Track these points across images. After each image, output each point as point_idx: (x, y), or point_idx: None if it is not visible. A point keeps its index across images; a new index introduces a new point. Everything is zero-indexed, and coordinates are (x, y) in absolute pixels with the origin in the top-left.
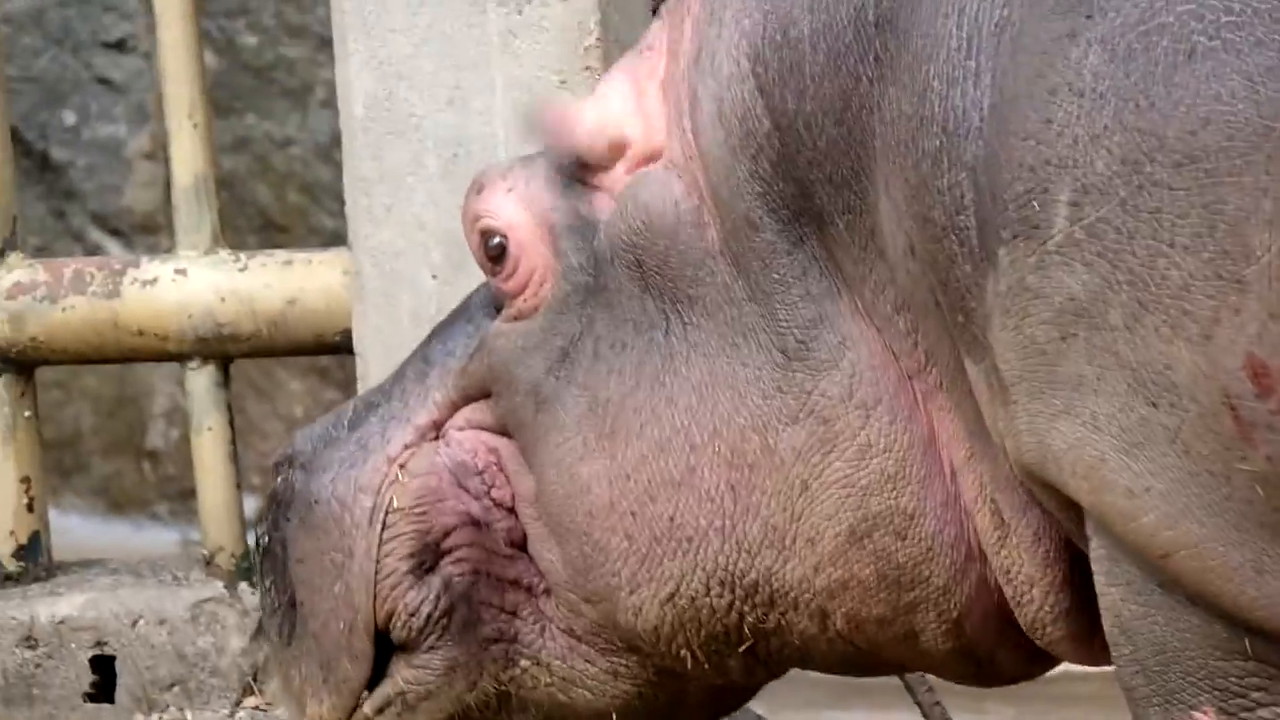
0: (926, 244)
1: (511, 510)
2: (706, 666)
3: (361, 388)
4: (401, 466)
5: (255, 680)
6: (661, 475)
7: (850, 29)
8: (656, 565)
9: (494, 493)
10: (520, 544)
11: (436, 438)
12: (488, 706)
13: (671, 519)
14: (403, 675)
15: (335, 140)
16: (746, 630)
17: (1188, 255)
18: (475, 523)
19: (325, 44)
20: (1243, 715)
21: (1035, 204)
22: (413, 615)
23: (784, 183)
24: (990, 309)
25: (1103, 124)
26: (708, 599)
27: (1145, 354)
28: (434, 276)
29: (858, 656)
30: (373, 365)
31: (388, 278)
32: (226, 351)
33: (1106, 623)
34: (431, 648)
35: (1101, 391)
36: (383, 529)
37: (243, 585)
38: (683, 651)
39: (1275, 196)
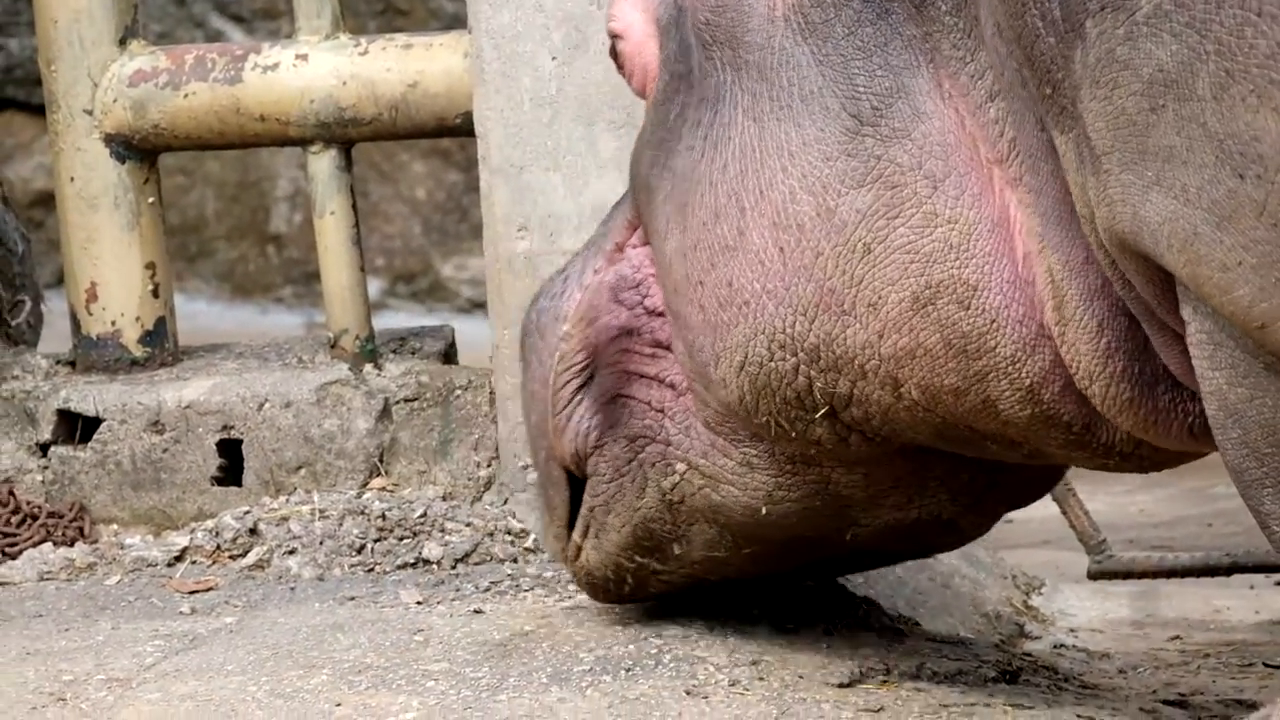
0: (1011, 20)
1: (662, 314)
2: (794, 436)
3: (483, 170)
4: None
5: (381, 461)
6: (718, 241)
7: None
8: (726, 333)
9: (647, 301)
10: (667, 344)
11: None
12: (665, 521)
13: (730, 284)
14: (588, 493)
15: None
16: (818, 395)
17: (1275, 24)
18: (628, 331)
19: None
20: None
21: None
22: (579, 423)
23: None
24: (1079, 80)
25: None
26: (773, 364)
27: (1232, 124)
28: (553, 58)
29: (946, 428)
30: (493, 147)
31: (507, 60)
32: (349, 135)
33: (1211, 407)
34: (598, 448)
35: (1191, 163)
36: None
37: (367, 367)
38: (769, 421)
39: None
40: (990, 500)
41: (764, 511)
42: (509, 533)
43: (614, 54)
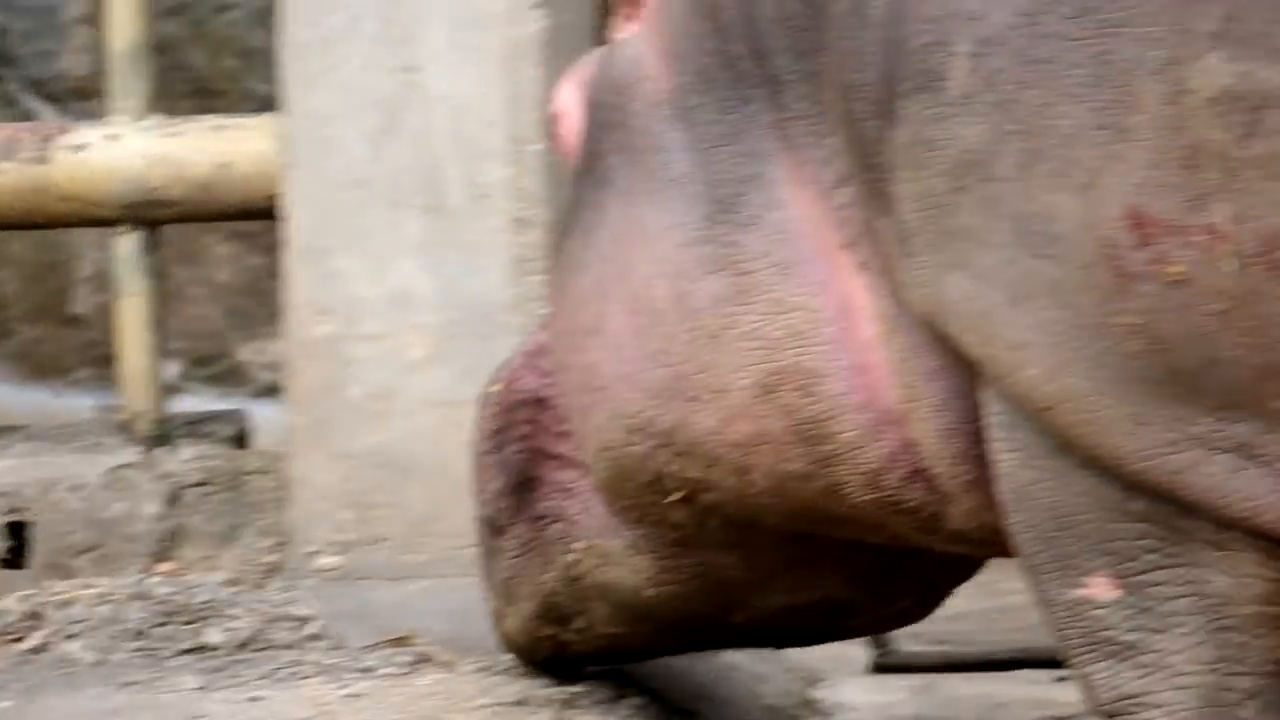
0: (846, 105)
1: None
2: (654, 520)
3: (287, 252)
4: None
5: (169, 546)
6: (582, 325)
7: None
8: (588, 417)
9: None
10: None
11: None
12: (567, 596)
13: (590, 368)
14: (503, 563)
15: (270, 6)
16: (672, 480)
17: (1077, 104)
18: (539, 400)
19: None
20: (1136, 579)
21: (936, 56)
22: (491, 498)
23: (737, 44)
24: (894, 162)
25: None
26: (628, 448)
27: (1032, 204)
28: (365, 141)
29: (800, 513)
30: (299, 230)
31: (318, 142)
32: (156, 216)
33: (1003, 490)
34: (509, 526)
35: (990, 243)
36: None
37: (159, 451)
38: (631, 504)
39: (1164, 46)
40: (898, 587)
41: (648, 594)
42: (292, 619)
43: (553, 137)
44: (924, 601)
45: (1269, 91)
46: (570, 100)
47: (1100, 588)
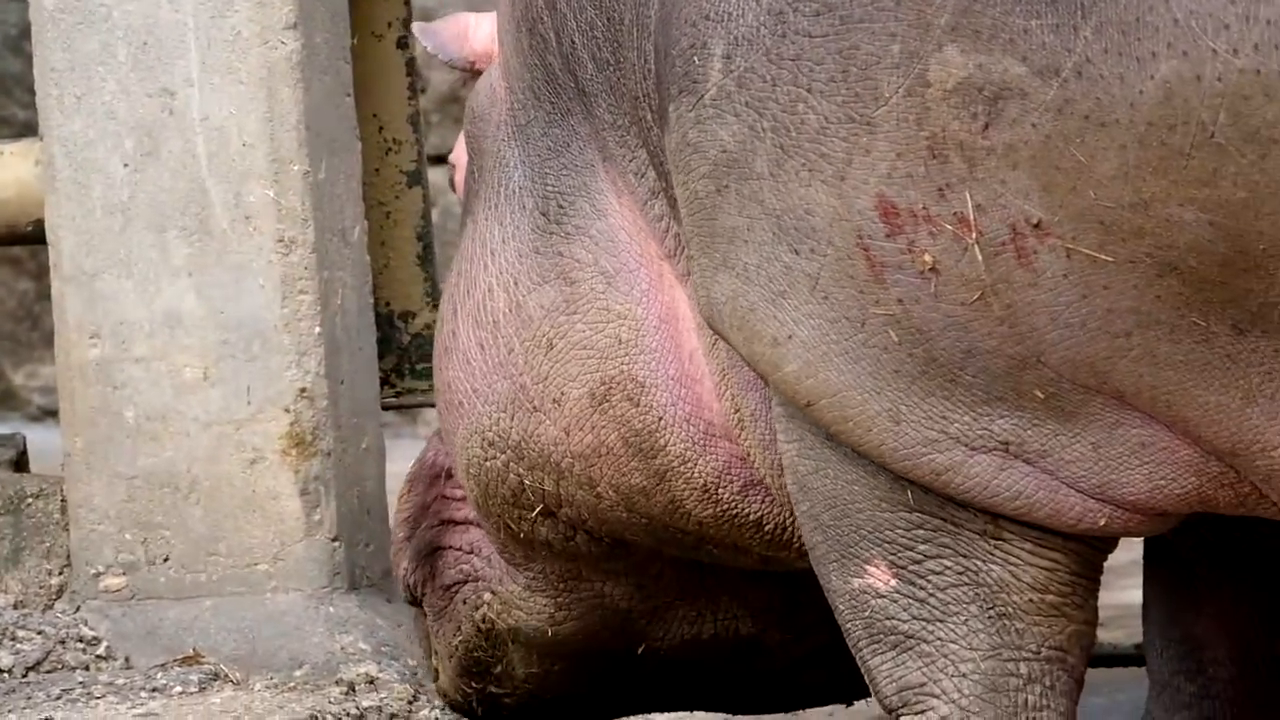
0: (638, 114)
1: None
2: (522, 536)
3: (54, 277)
4: None
5: None
6: (442, 344)
7: None
8: (453, 436)
9: None
10: None
11: None
12: (482, 649)
13: (449, 386)
14: (421, 629)
15: (25, 31)
16: (530, 493)
17: (824, 99)
18: (443, 473)
19: None
20: (911, 569)
21: (695, 59)
22: (406, 574)
23: (554, 58)
24: (670, 168)
25: None
26: (488, 463)
27: (787, 200)
28: (125, 165)
29: (656, 530)
30: (65, 255)
31: (79, 167)
32: None
33: (787, 482)
34: (426, 598)
35: (751, 241)
36: None
37: None
38: (499, 523)
39: (903, 40)
40: (807, 622)
41: (550, 633)
42: (80, 640)
43: (452, 186)
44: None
45: (1006, 82)
46: (458, 152)
47: (878, 577)
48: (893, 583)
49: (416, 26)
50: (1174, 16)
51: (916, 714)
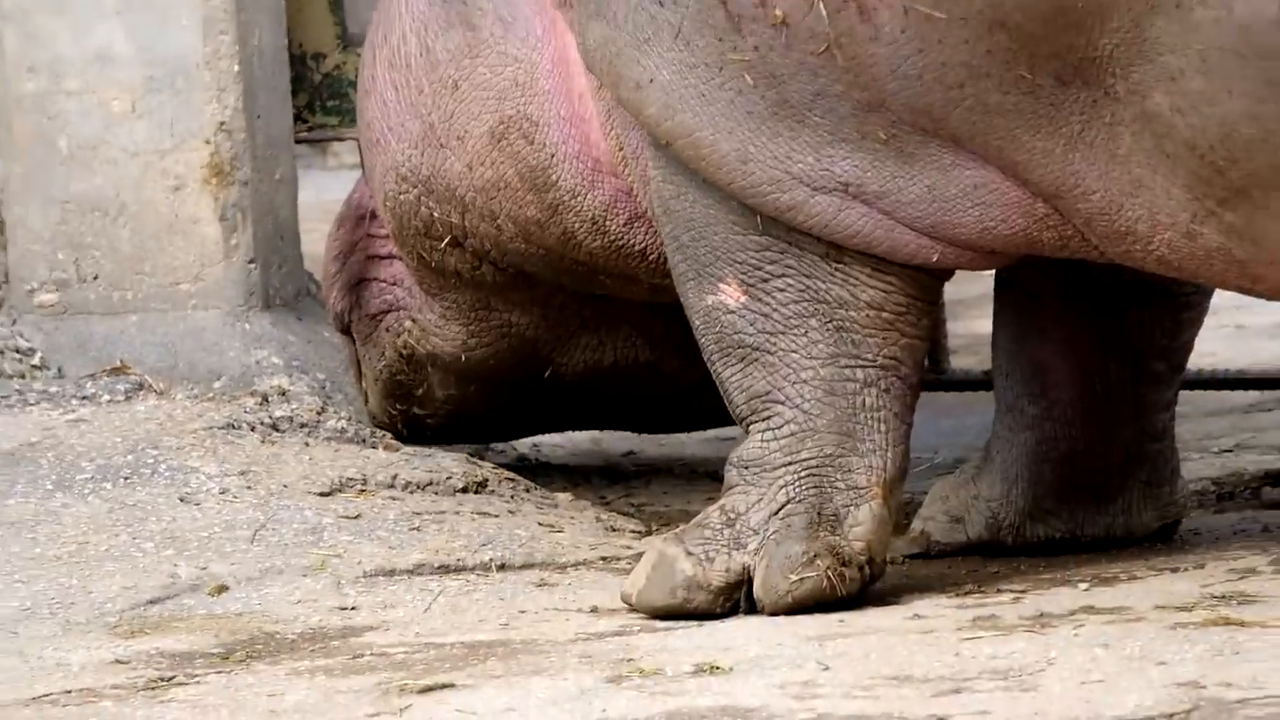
0: None
1: None
2: (434, 266)
3: None
4: None
5: None
6: (363, 87)
7: None
8: (373, 174)
9: None
10: None
11: None
12: (404, 372)
13: (369, 126)
14: (351, 354)
15: None
16: (439, 225)
17: None
18: (369, 214)
19: None
20: (760, 286)
21: None
22: (335, 304)
23: None
24: None
25: None
26: (401, 196)
27: None
28: None
29: (554, 261)
30: None
31: None
32: None
33: (654, 206)
34: (354, 325)
35: None
36: None
37: None
38: (413, 253)
39: None
40: (696, 349)
41: (464, 358)
42: (17, 351)
43: None
44: None
45: None
46: None
47: (729, 294)
48: (741, 299)
49: None
50: None
51: (763, 420)
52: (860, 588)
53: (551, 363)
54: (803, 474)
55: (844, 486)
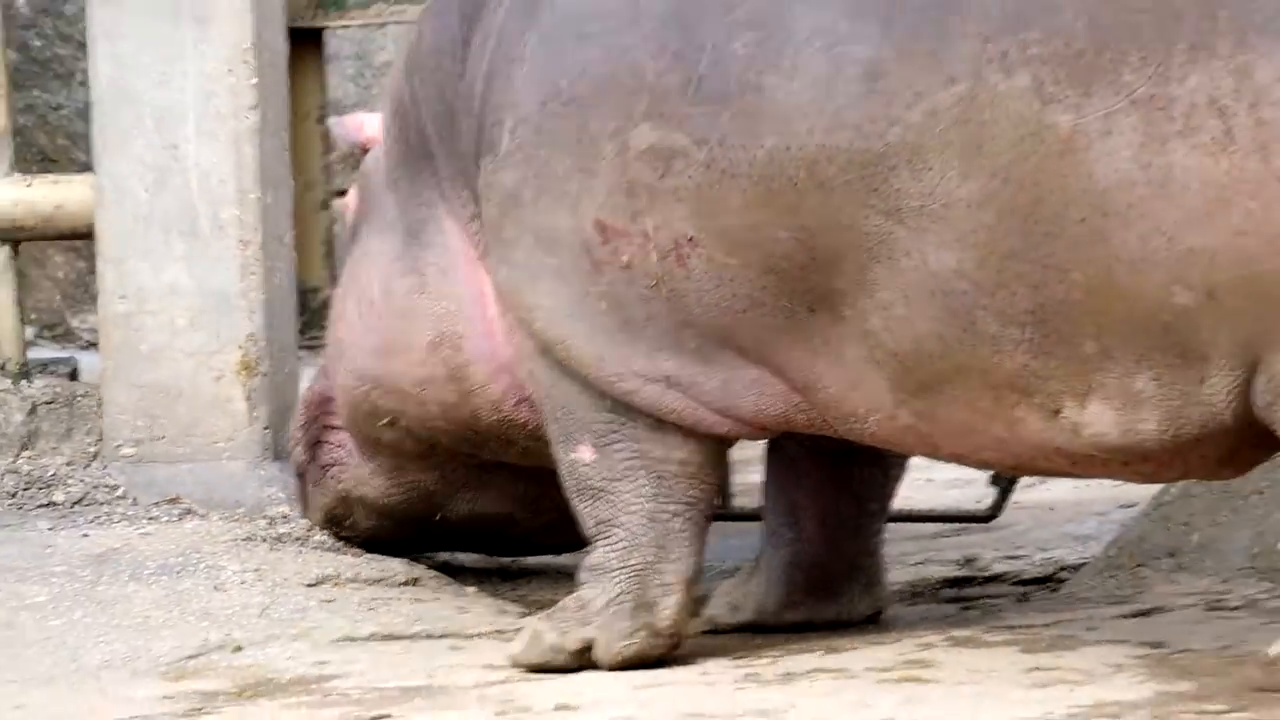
0: (464, 165)
1: None
2: (373, 439)
3: (98, 260)
4: None
5: (29, 440)
6: (335, 315)
7: (444, 36)
8: (336, 374)
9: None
10: None
11: None
12: (339, 507)
13: (338, 341)
14: (304, 491)
15: (87, 105)
16: (382, 412)
17: (566, 156)
18: (326, 398)
19: None
20: (605, 448)
21: (495, 130)
22: (298, 452)
23: (414, 136)
24: (481, 197)
25: (534, 80)
26: (357, 390)
27: (542, 220)
28: (145, 191)
29: (461, 433)
30: (109, 246)
31: (118, 192)
32: (17, 237)
33: (536, 392)
34: (310, 471)
35: (519, 246)
36: None
37: (22, 382)
38: (359, 429)
39: (616, 121)
40: (543, 504)
41: (384, 502)
42: (108, 486)
43: (343, 216)
44: (567, 518)
45: (675, 148)
46: (351, 198)
47: (584, 453)
48: (593, 456)
49: (331, 120)
50: (777, 110)
51: (605, 538)
52: (668, 651)
53: (442, 509)
54: (630, 575)
55: (658, 583)
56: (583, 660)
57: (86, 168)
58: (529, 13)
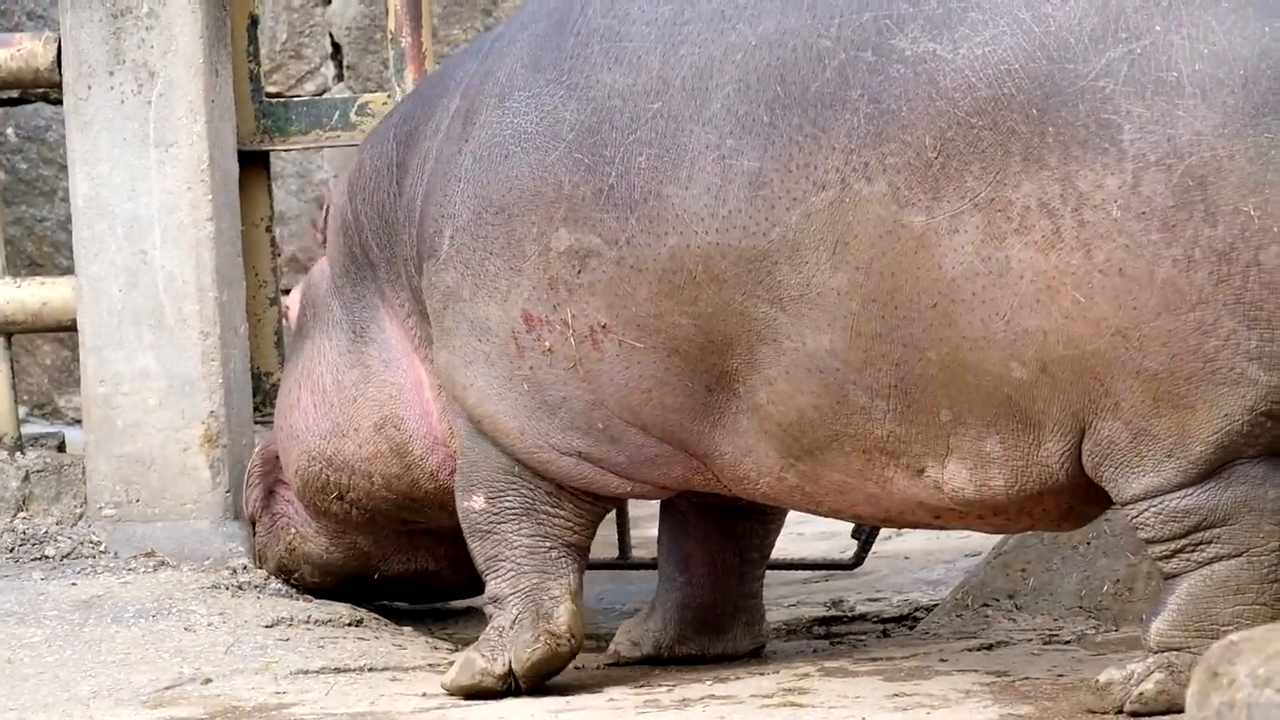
0: (405, 269)
1: None
2: (323, 509)
3: (81, 349)
4: None
5: (24, 502)
6: (289, 403)
7: (382, 162)
8: (289, 456)
9: None
10: None
11: None
12: (287, 559)
13: (291, 427)
14: (258, 541)
15: (68, 217)
16: (333, 487)
17: (497, 258)
18: (275, 456)
19: None
20: (496, 499)
21: (436, 238)
22: (250, 505)
23: (358, 248)
24: (424, 295)
25: (468, 193)
26: (310, 469)
27: (476, 312)
28: (120, 290)
29: (402, 501)
30: (89, 337)
31: (96, 292)
32: (10, 330)
33: (459, 454)
34: (262, 521)
35: (457, 334)
36: None
37: (16, 453)
38: (310, 501)
39: (539, 226)
40: (463, 562)
41: (323, 559)
42: (92, 543)
43: (287, 315)
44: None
45: (589, 248)
46: (294, 299)
47: (477, 501)
48: (484, 505)
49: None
50: (676, 214)
51: (494, 571)
52: (570, 653)
53: (378, 568)
54: (522, 597)
55: (549, 598)
56: (508, 683)
57: (68, 271)
58: (462, 136)
